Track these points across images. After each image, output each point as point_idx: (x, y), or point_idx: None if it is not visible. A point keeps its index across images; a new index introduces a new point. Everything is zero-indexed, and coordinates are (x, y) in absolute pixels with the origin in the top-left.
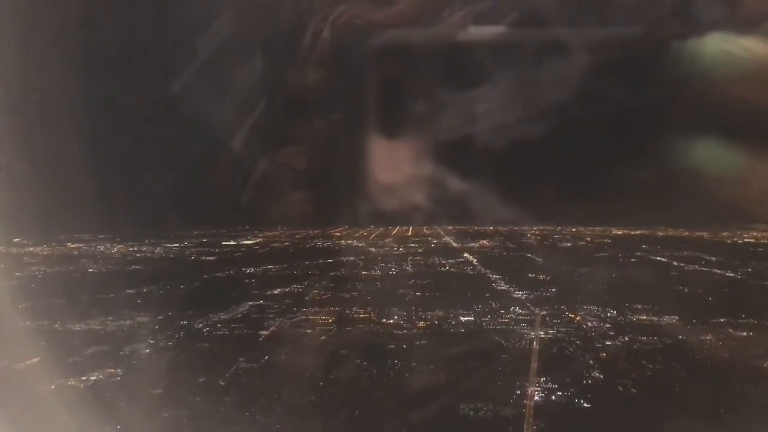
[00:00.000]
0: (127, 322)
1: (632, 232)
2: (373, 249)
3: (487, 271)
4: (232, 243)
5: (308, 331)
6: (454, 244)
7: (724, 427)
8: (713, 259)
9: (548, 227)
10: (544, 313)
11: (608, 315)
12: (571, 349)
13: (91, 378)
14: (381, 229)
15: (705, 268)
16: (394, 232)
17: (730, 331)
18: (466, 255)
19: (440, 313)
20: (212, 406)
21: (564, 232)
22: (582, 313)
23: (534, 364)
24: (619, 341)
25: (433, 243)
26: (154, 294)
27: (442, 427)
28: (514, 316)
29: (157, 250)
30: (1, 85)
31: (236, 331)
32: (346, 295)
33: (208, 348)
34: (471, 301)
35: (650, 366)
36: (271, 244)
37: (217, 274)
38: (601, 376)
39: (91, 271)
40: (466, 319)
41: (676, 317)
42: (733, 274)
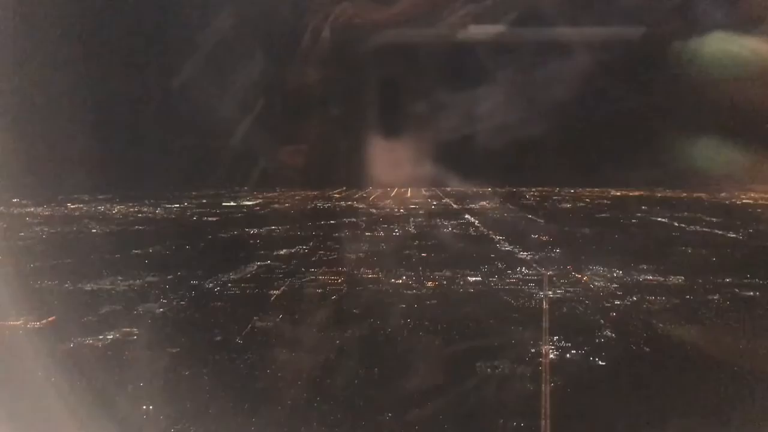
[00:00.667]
0: (137, 282)
1: (630, 194)
2: (374, 210)
3: (490, 232)
4: (233, 204)
5: (319, 291)
6: (455, 206)
7: (737, 383)
8: (713, 219)
9: (546, 188)
10: (551, 273)
11: (615, 275)
12: (580, 309)
13: (108, 337)
14: (380, 190)
15: (706, 229)
16: (393, 194)
17: (736, 291)
18: (467, 216)
19: (447, 274)
20: (232, 364)
21: (563, 194)
22: (589, 274)
23: (546, 324)
24: (628, 301)
25: (434, 204)
26: (161, 254)
27: (460, 384)
28: (521, 277)
29: (158, 211)
30: None
31: (247, 291)
32: (352, 256)
33: (221, 307)
34: (477, 261)
35: (660, 325)
36: (272, 205)
37: (221, 235)
38: (613, 335)
39: (95, 231)
40: (474, 279)
41: (682, 277)
42: (734, 235)
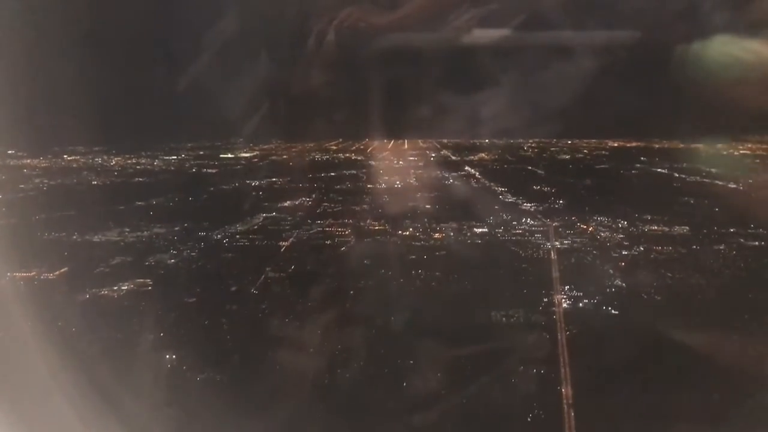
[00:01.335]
0: (145, 233)
1: (628, 144)
2: (374, 163)
3: (492, 184)
4: (230, 156)
5: (327, 243)
6: (453, 158)
7: (747, 333)
8: (713, 170)
9: (544, 140)
10: (556, 224)
11: (620, 226)
12: (589, 259)
13: (123, 288)
14: (376, 142)
15: (706, 180)
16: (390, 146)
17: (742, 241)
18: (467, 168)
19: (454, 225)
20: (250, 313)
21: (560, 145)
22: (594, 224)
23: (556, 274)
24: (636, 251)
25: (432, 156)
26: (164, 206)
27: (476, 334)
28: (527, 227)
29: (156, 163)
30: None
31: (256, 242)
32: (357, 208)
33: (233, 258)
34: (481, 213)
35: (669, 275)
36: (270, 157)
37: (223, 187)
38: (624, 285)
39: (95, 183)
40: (481, 230)
41: (687, 227)
42: (734, 186)
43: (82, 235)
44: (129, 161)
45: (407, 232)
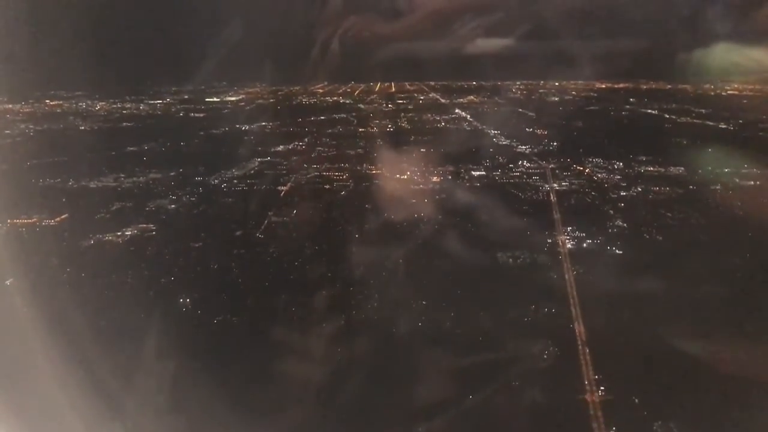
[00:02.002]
0: (141, 179)
1: (616, 86)
2: (362, 106)
3: (484, 127)
4: (216, 99)
5: (326, 187)
6: (443, 100)
7: (749, 270)
8: (702, 111)
9: (531, 81)
10: (552, 166)
11: (616, 167)
12: (588, 200)
13: (127, 233)
14: (363, 85)
15: (697, 121)
16: (377, 89)
17: (737, 180)
18: (458, 111)
19: (451, 168)
20: (258, 256)
21: (548, 87)
22: (590, 166)
23: (557, 215)
24: (634, 192)
25: (421, 99)
26: (157, 151)
27: (483, 274)
28: (524, 170)
29: (142, 107)
30: None
31: (255, 187)
32: (351, 152)
33: (233, 203)
34: (477, 155)
35: (669, 214)
36: (256, 101)
37: (213, 131)
38: (625, 225)
39: (83, 128)
40: (478, 173)
41: (682, 168)
42: (725, 126)
43: (78, 182)
44: (114, 106)
45: (405, 176)
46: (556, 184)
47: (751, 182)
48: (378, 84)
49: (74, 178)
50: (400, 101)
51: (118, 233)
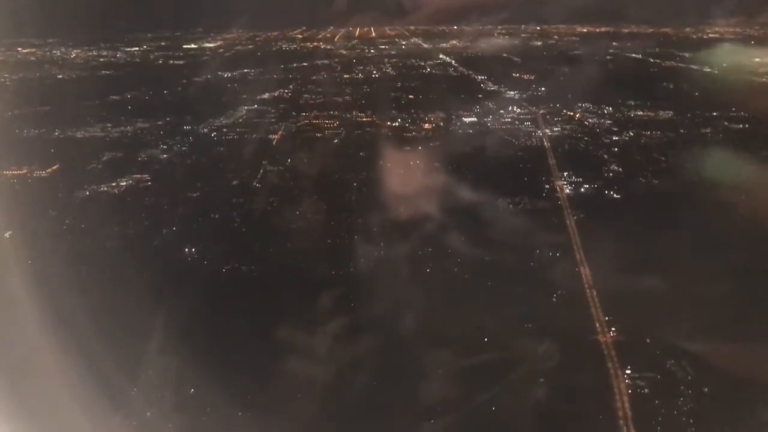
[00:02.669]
0: (129, 129)
1: (597, 30)
2: (344, 52)
3: (470, 72)
4: (194, 46)
5: (318, 135)
6: (425, 45)
7: (743, 206)
8: (686, 55)
9: (513, 25)
10: (543, 111)
11: (605, 112)
12: (582, 145)
13: (122, 184)
14: (343, 30)
15: (682, 65)
16: (357, 34)
17: (726, 124)
18: (442, 56)
19: (442, 115)
20: (259, 206)
21: (530, 31)
22: (580, 111)
23: (552, 161)
24: (626, 136)
25: (403, 44)
26: (141, 100)
27: (482, 219)
28: (515, 116)
29: (119, 55)
30: None
31: (245, 136)
32: (339, 99)
33: (226, 152)
34: (466, 101)
35: (663, 158)
36: (235, 47)
37: (196, 79)
38: (620, 169)
39: (61, 77)
40: (470, 120)
41: (671, 112)
42: (709, 69)
43: (64, 131)
44: (90, 54)
45: (396, 123)
46: (548, 130)
47: (740, 125)
48: (358, 29)
49: (60, 129)
50: (383, 47)
51: (113, 184)
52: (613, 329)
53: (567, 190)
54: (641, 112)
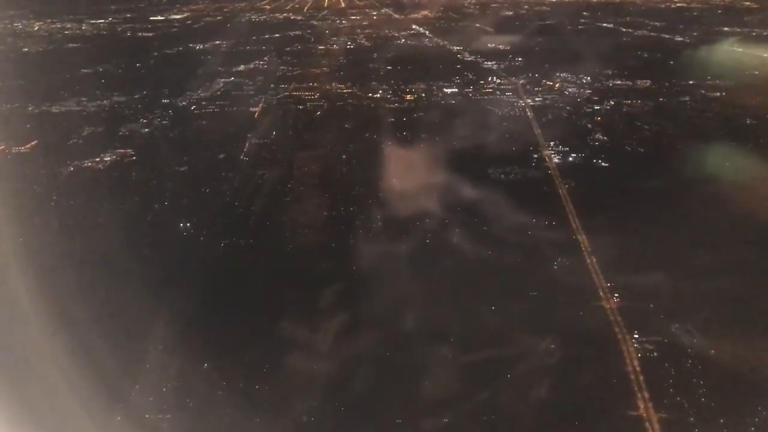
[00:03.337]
0: (105, 102)
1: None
2: (316, 23)
3: (445, 42)
4: (161, 18)
5: (300, 107)
6: (396, 15)
7: (729, 170)
8: (657, 24)
9: None
10: (523, 81)
11: (584, 81)
12: (565, 115)
13: (106, 159)
14: (311, 0)
15: (653, 34)
16: (326, 4)
17: (703, 92)
18: (415, 26)
19: (422, 86)
20: (249, 180)
21: (500, 0)
22: (559, 81)
23: (538, 130)
24: (607, 105)
25: (374, 15)
26: (113, 73)
27: (474, 190)
28: (495, 86)
29: (84, 27)
30: None
31: (226, 108)
32: (317, 71)
33: (208, 125)
34: (445, 72)
35: (646, 127)
36: (204, 19)
37: (167, 51)
38: (605, 138)
39: (27, 50)
40: (451, 90)
41: (649, 81)
42: (681, 39)
43: (38, 106)
44: (54, 26)
45: (378, 95)
46: (530, 100)
47: (718, 93)
48: (327, 0)
49: (33, 103)
50: (354, 17)
51: (97, 159)
52: (616, 295)
53: (556, 160)
54: (619, 82)
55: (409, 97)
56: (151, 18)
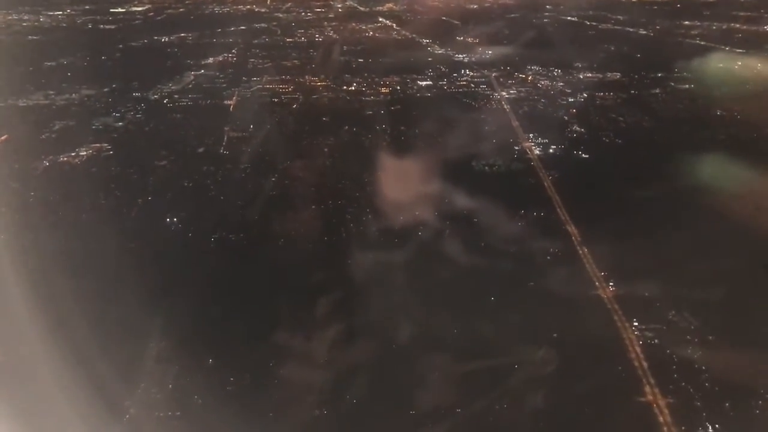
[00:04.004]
0: (74, 96)
1: None
2: (281, 15)
3: (414, 35)
4: (121, 10)
5: (275, 100)
6: (362, 8)
7: (703, 160)
8: (620, 17)
9: None
10: (496, 74)
11: (555, 74)
12: (540, 107)
13: (82, 153)
14: None
15: (618, 27)
16: None
17: (673, 84)
18: (381, 19)
19: (396, 79)
20: (232, 173)
21: None
22: (531, 74)
23: (516, 123)
24: (581, 98)
25: (339, 7)
26: (79, 66)
27: (466, 181)
28: (469, 79)
29: (42, 19)
30: None
31: (200, 102)
32: (287, 63)
33: (183, 119)
34: (417, 65)
35: (621, 118)
36: (166, 11)
37: (132, 44)
38: (583, 130)
39: None
40: (426, 83)
41: (618, 74)
42: (645, 32)
43: (5, 100)
44: (10, 18)
45: (353, 87)
46: (504, 93)
47: (687, 86)
48: None
49: None
50: (318, 10)
51: (72, 153)
52: (611, 284)
53: (537, 152)
54: (590, 74)
55: (384, 90)
56: (112, 10)
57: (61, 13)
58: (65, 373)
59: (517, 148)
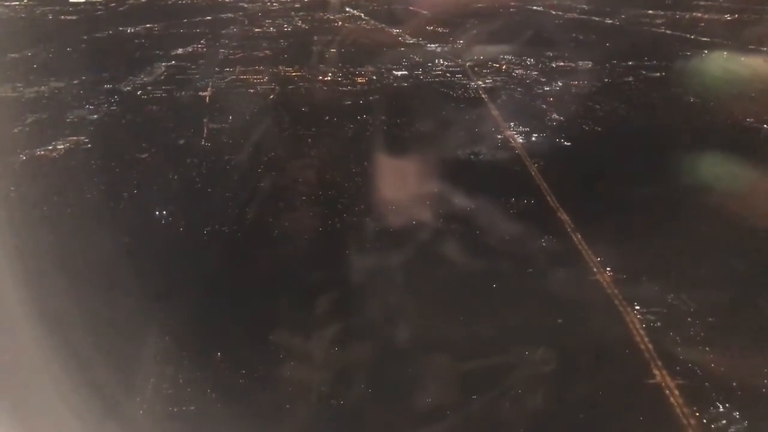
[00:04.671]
0: (44, 88)
1: None
2: (247, 5)
3: (383, 25)
4: (81, 0)
5: (251, 91)
6: None
7: (677, 144)
8: (585, 7)
9: None
10: (470, 64)
11: (528, 63)
12: (518, 96)
13: (59, 147)
14: None
15: (584, 16)
16: None
17: (644, 72)
18: (348, 9)
19: (371, 69)
20: (217, 165)
21: None
22: (504, 63)
23: (495, 112)
24: (556, 87)
25: None
26: (44, 57)
27: (454, 171)
28: (444, 68)
29: (2, 10)
30: None
31: (174, 93)
32: (259, 54)
33: (159, 111)
34: (391, 55)
35: (597, 106)
36: (128, 2)
37: (97, 35)
38: (562, 118)
39: None
40: (401, 73)
41: (590, 62)
42: (611, 21)
43: None
44: None
45: (328, 78)
46: (480, 82)
47: (658, 74)
48: None
49: None
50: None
51: (49, 147)
52: (609, 269)
53: (520, 140)
54: (562, 63)
55: (360, 80)
56: (71, 0)
57: (18, 3)
58: (60, 373)
59: (499, 137)
